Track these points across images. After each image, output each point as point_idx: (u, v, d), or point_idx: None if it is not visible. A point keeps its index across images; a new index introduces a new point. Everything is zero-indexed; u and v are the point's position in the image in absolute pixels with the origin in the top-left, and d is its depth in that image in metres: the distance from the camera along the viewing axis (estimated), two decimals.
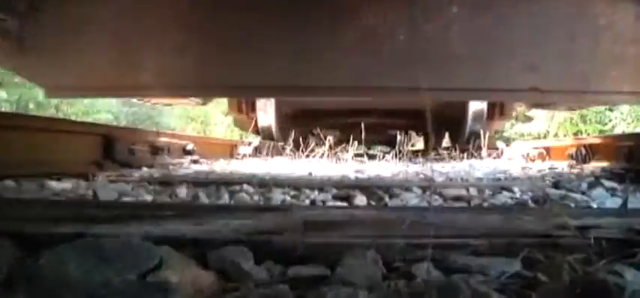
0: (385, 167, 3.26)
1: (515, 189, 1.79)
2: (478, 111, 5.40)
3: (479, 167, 3.16)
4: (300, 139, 4.94)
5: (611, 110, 12.21)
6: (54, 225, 0.77)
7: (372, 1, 1.63)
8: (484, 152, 4.63)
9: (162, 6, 1.70)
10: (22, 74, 2.17)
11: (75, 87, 1.98)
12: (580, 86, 1.73)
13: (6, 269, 0.61)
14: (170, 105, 4.78)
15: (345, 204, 1.54)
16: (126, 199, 1.57)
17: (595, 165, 2.67)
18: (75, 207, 0.97)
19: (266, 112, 5.43)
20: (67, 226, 0.77)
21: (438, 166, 3.34)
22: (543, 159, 3.70)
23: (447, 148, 5.42)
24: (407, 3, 1.60)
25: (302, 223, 0.81)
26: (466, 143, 5.24)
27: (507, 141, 6.34)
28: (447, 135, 6.84)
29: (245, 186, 1.82)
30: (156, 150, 3.20)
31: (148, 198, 1.62)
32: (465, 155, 4.47)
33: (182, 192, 1.72)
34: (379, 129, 9.09)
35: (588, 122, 12.49)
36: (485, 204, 1.53)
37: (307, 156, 4.21)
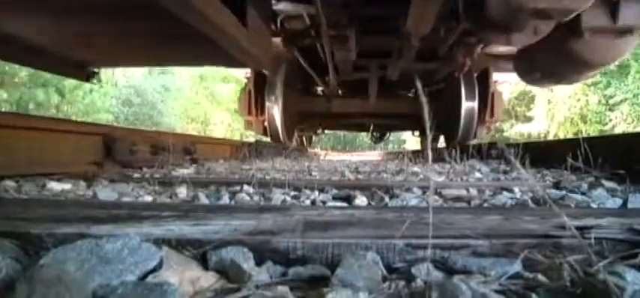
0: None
1: (515, 189, 1.79)
2: (469, 110, 4.95)
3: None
4: None
5: (611, 110, 12.26)
6: (54, 226, 0.77)
7: None
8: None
9: None
10: None
11: None
12: None
13: (6, 269, 0.61)
14: None
15: (345, 204, 1.54)
16: (126, 199, 1.57)
17: None
18: (75, 208, 0.97)
19: None
20: (67, 227, 0.77)
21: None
22: None
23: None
24: None
25: (302, 223, 0.81)
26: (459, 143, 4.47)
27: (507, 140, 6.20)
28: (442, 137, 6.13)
29: (245, 187, 1.83)
30: (156, 150, 3.20)
31: (148, 198, 1.63)
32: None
33: (182, 192, 1.72)
34: (377, 130, 7.53)
35: (588, 122, 12.53)
36: (486, 205, 1.53)
37: None
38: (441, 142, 7.10)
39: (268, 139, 5.78)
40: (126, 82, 20.40)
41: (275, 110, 5.33)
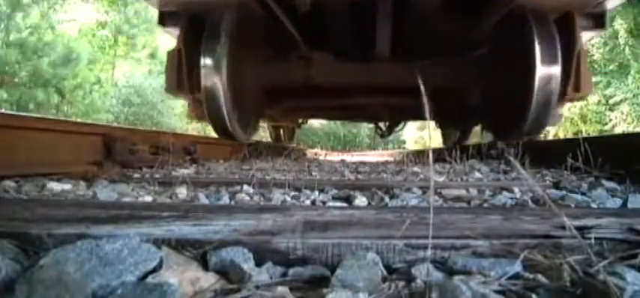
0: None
1: (515, 189, 1.79)
2: (547, 80, 2.62)
3: None
4: None
5: (611, 110, 12.26)
6: (54, 226, 0.77)
7: None
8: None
9: None
10: None
11: None
12: None
13: (5, 270, 0.61)
14: None
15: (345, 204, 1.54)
16: (126, 199, 1.57)
17: None
18: (75, 208, 0.97)
19: None
20: (67, 227, 0.77)
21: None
22: None
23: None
24: None
25: (302, 223, 0.81)
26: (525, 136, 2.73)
27: None
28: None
29: (245, 187, 1.83)
30: (156, 150, 3.20)
31: (148, 198, 1.62)
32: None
33: (182, 192, 1.72)
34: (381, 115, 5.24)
35: (588, 122, 12.53)
36: (485, 205, 1.53)
37: None
38: (472, 135, 5.26)
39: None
40: (126, 82, 20.42)
41: (216, 80, 2.78)
